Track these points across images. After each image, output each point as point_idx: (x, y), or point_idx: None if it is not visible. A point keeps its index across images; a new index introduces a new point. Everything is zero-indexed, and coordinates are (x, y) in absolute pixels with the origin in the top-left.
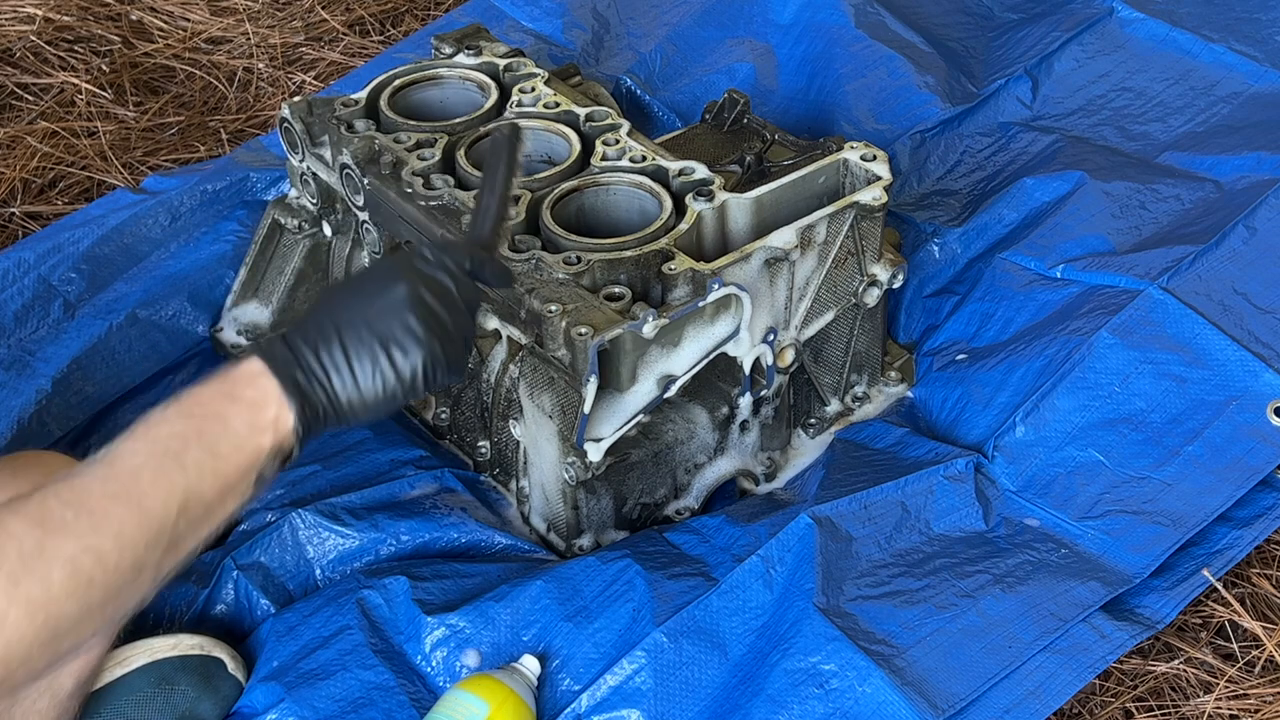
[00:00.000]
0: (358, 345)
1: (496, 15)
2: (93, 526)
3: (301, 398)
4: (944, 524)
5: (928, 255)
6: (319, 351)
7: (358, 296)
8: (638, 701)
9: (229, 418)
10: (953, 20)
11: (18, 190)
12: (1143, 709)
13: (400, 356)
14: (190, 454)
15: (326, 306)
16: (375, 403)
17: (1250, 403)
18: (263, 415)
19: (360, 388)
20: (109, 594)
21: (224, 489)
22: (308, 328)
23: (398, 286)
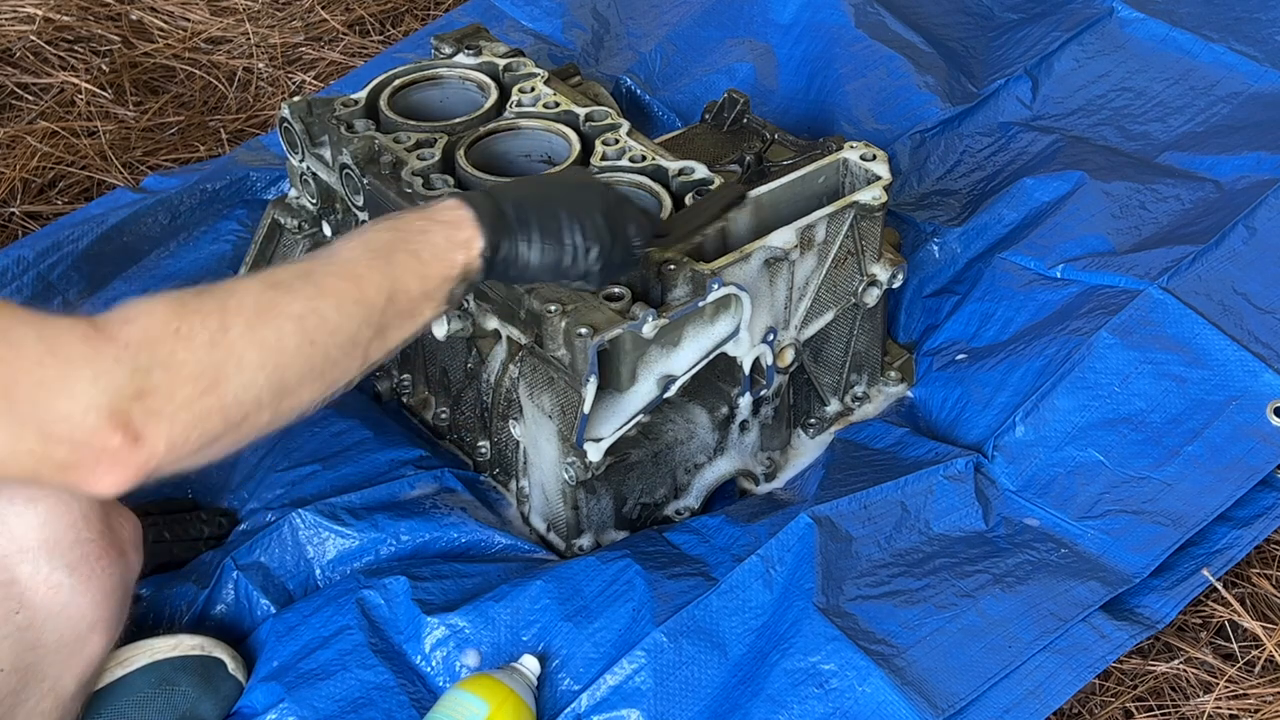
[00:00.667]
0: (549, 213)
1: (496, 15)
2: (318, 293)
3: (490, 231)
4: (944, 524)
5: (928, 255)
6: (515, 205)
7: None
8: (638, 701)
9: (430, 232)
10: (953, 20)
11: (18, 190)
12: (1143, 709)
13: (579, 237)
14: (398, 255)
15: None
16: (541, 266)
17: (1250, 403)
18: (459, 234)
19: (540, 246)
20: (328, 360)
21: (424, 292)
22: (509, 189)
23: (596, 188)
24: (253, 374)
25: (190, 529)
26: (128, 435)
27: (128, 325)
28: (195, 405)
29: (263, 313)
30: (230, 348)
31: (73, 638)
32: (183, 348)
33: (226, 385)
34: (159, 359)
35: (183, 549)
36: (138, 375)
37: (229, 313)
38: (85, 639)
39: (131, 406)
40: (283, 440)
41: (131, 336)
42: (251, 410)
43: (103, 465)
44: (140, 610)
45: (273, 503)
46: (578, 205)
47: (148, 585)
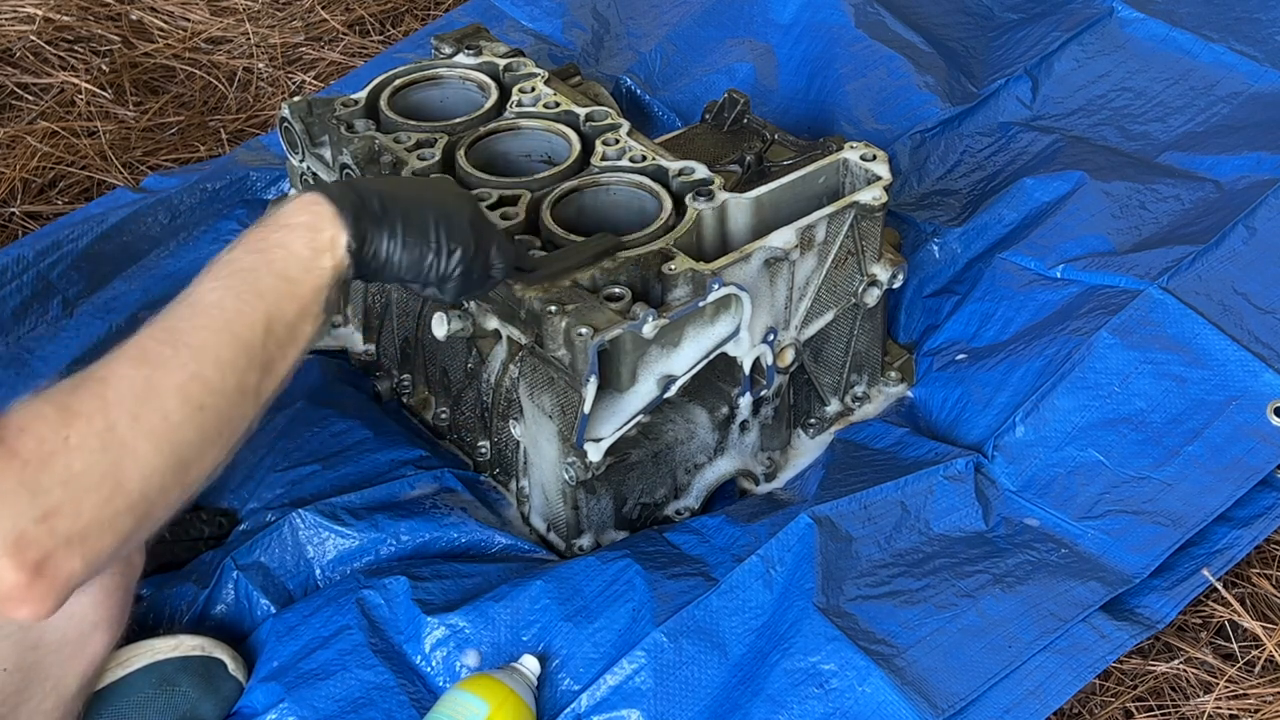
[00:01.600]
0: (415, 208)
1: (496, 15)
2: (193, 356)
3: (354, 223)
4: (944, 524)
5: (928, 255)
6: (380, 197)
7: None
8: (638, 701)
9: (290, 244)
10: (953, 20)
11: (18, 190)
12: (1143, 709)
13: (445, 238)
14: (264, 281)
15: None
16: (405, 266)
17: (1250, 403)
18: (320, 236)
19: (402, 242)
20: (221, 419)
21: (300, 311)
22: (373, 182)
23: (465, 198)
24: (150, 462)
25: (190, 529)
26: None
27: (23, 436)
28: (103, 513)
29: (142, 398)
30: (122, 445)
31: (75, 637)
32: (77, 458)
33: (129, 483)
34: (57, 476)
35: (183, 549)
36: (39, 497)
37: (110, 408)
38: (87, 639)
39: (39, 533)
40: (283, 440)
41: (29, 452)
42: (157, 496)
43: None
44: (141, 610)
45: (273, 503)
46: (446, 206)
47: (148, 585)
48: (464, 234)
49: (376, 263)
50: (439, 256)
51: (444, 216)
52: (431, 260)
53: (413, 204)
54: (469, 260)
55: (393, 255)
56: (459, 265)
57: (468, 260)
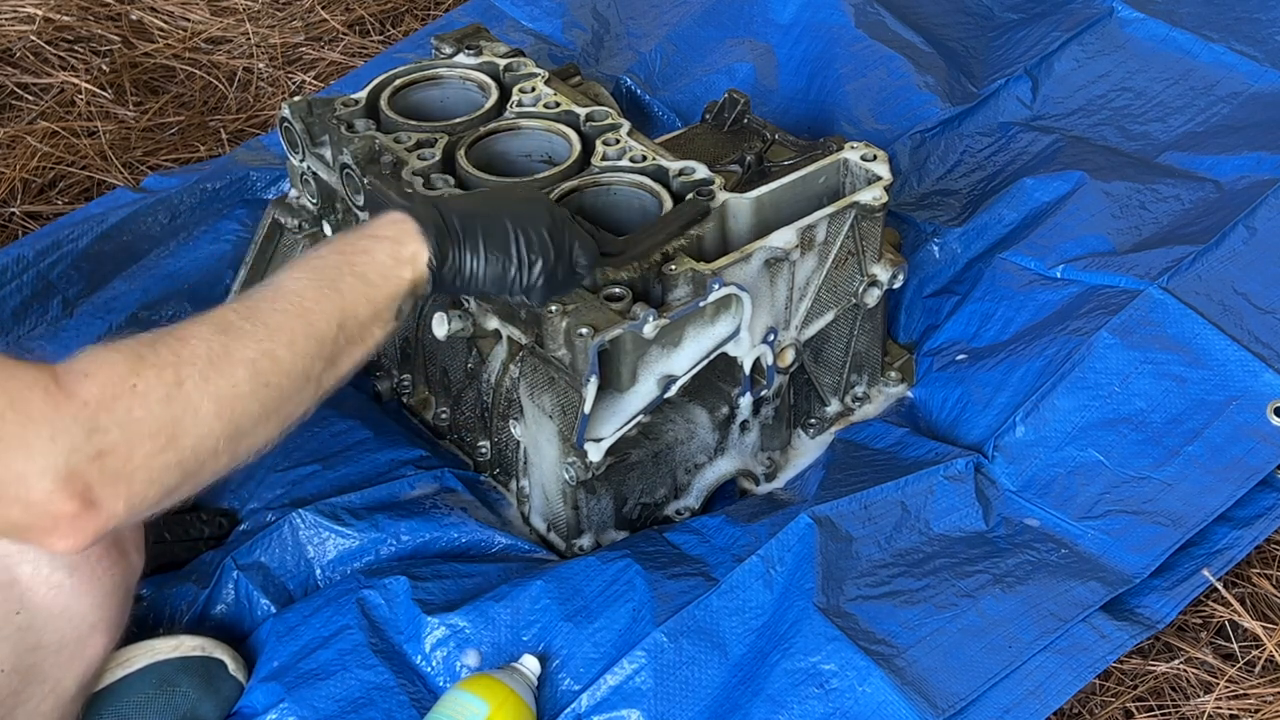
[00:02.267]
0: (495, 225)
1: (496, 15)
2: (269, 334)
3: (436, 242)
4: (944, 524)
5: (928, 255)
6: (460, 216)
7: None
8: (638, 701)
9: (374, 251)
10: (953, 20)
11: (18, 190)
12: (1143, 709)
13: (525, 250)
14: (345, 280)
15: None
16: (486, 278)
17: (1250, 403)
18: (403, 250)
19: (485, 258)
20: (283, 398)
21: (373, 313)
22: (454, 201)
23: (541, 204)
24: (209, 424)
25: (190, 529)
26: (83, 502)
27: (86, 380)
28: (154, 462)
29: (216, 362)
30: (186, 401)
31: (74, 638)
32: (139, 405)
33: (184, 439)
34: (117, 418)
35: (183, 549)
36: (96, 436)
37: (183, 364)
38: (86, 640)
39: (89, 468)
40: (283, 440)
41: (90, 394)
42: (208, 458)
43: (58, 531)
44: (140, 610)
45: (273, 503)
46: (523, 219)
47: (148, 585)
48: (543, 244)
49: (460, 279)
50: (521, 269)
51: (522, 230)
52: (515, 273)
53: (492, 221)
54: (550, 268)
55: (476, 272)
56: (541, 275)
57: (549, 268)
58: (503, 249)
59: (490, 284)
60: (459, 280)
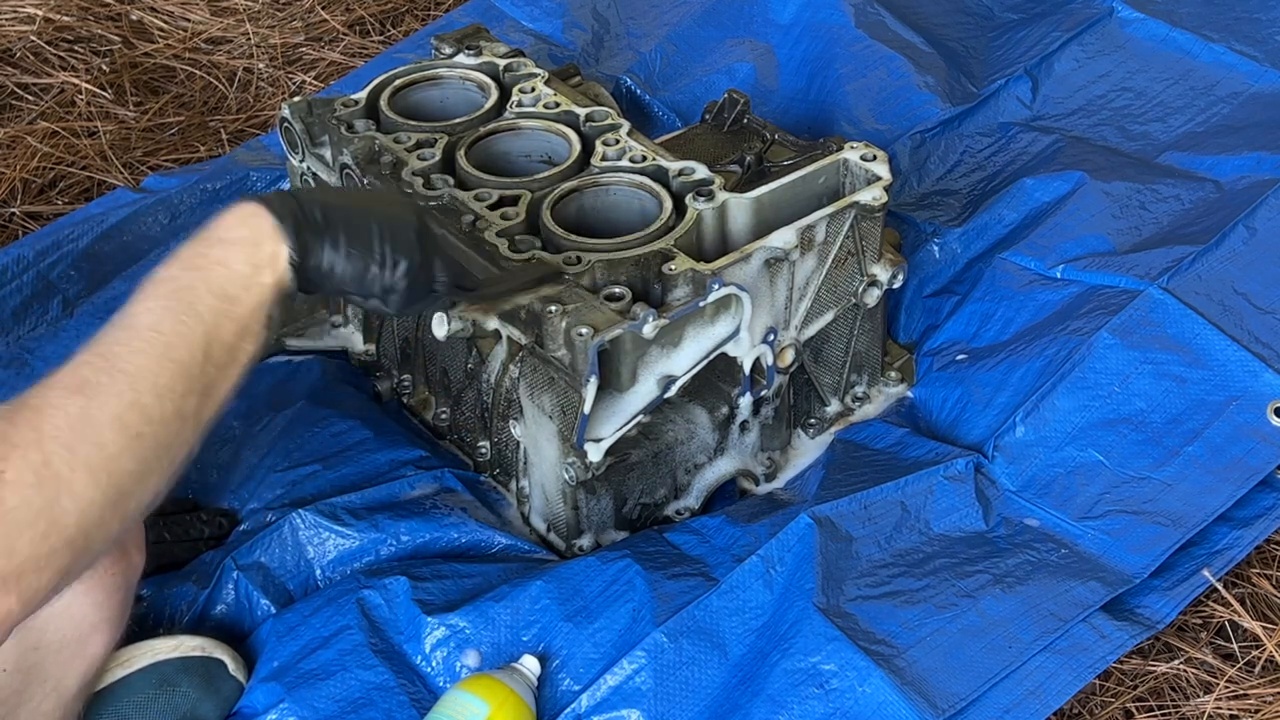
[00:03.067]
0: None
1: (496, 15)
2: (130, 384)
3: (295, 235)
4: (944, 524)
5: (928, 255)
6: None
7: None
8: (638, 701)
9: (229, 261)
10: (953, 20)
11: (18, 190)
12: (1143, 709)
13: (390, 249)
14: (202, 301)
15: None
16: (350, 278)
17: (1250, 403)
18: (260, 252)
19: (346, 255)
20: (159, 446)
21: (240, 330)
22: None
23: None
24: (87, 496)
25: (190, 529)
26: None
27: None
28: (39, 550)
29: (78, 429)
30: (57, 479)
31: (75, 638)
32: (12, 495)
33: (64, 519)
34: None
35: (183, 549)
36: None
37: (45, 440)
38: (87, 639)
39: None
40: (283, 440)
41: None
42: (95, 529)
43: None
44: (141, 610)
45: (273, 503)
46: (390, 217)
47: (148, 585)
48: (410, 245)
49: (319, 275)
50: (383, 269)
51: (389, 228)
52: (375, 272)
53: (356, 214)
54: (414, 273)
55: (335, 267)
56: (404, 278)
57: (413, 273)
58: (365, 246)
59: (351, 282)
60: (319, 277)
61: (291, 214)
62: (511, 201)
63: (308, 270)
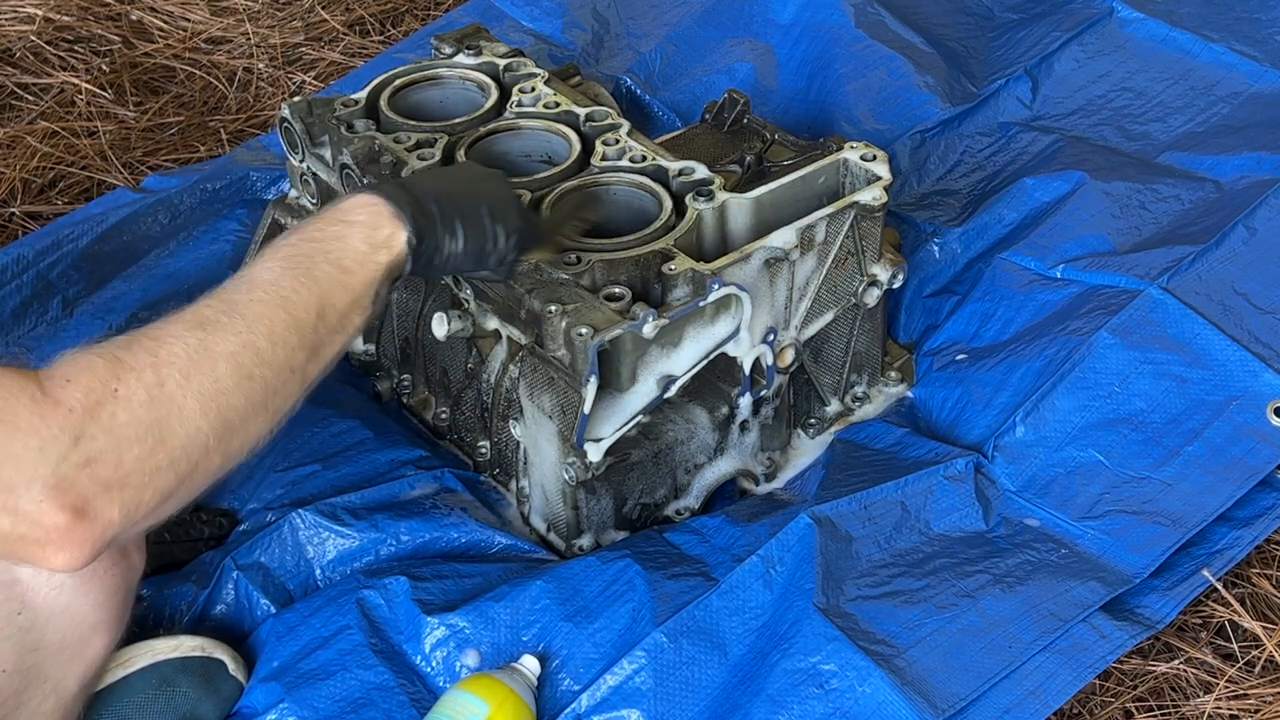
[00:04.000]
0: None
1: (496, 15)
2: (247, 326)
3: (413, 222)
4: (944, 524)
5: (928, 255)
6: (435, 196)
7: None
8: (638, 701)
9: (348, 237)
10: (953, 20)
11: (18, 190)
12: (1143, 709)
13: (499, 228)
14: (320, 268)
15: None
16: (460, 258)
17: (1250, 403)
18: (377, 234)
19: (462, 236)
20: (268, 390)
21: (352, 301)
22: (423, 178)
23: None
24: (196, 423)
25: (190, 529)
26: (75, 513)
27: (69, 386)
28: (144, 465)
29: (196, 359)
30: (169, 401)
31: (75, 638)
32: (123, 409)
33: (172, 439)
34: (102, 424)
35: (183, 549)
36: (83, 443)
37: (162, 365)
38: (87, 640)
39: (79, 477)
40: (283, 440)
41: (74, 400)
42: (200, 458)
43: (52, 544)
44: (141, 611)
45: (273, 503)
46: (493, 196)
47: (148, 586)
48: (514, 219)
49: (439, 257)
50: (496, 244)
51: (497, 209)
52: (490, 248)
53: (467, 201)
54: (522, 241)
55: (455, 250)
56: (515, 249)
57: (522, 241)
58: (478, 224)
59: (468, 261)
60: (437, 259)
61: (409, 204)
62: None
63: (422, 254)
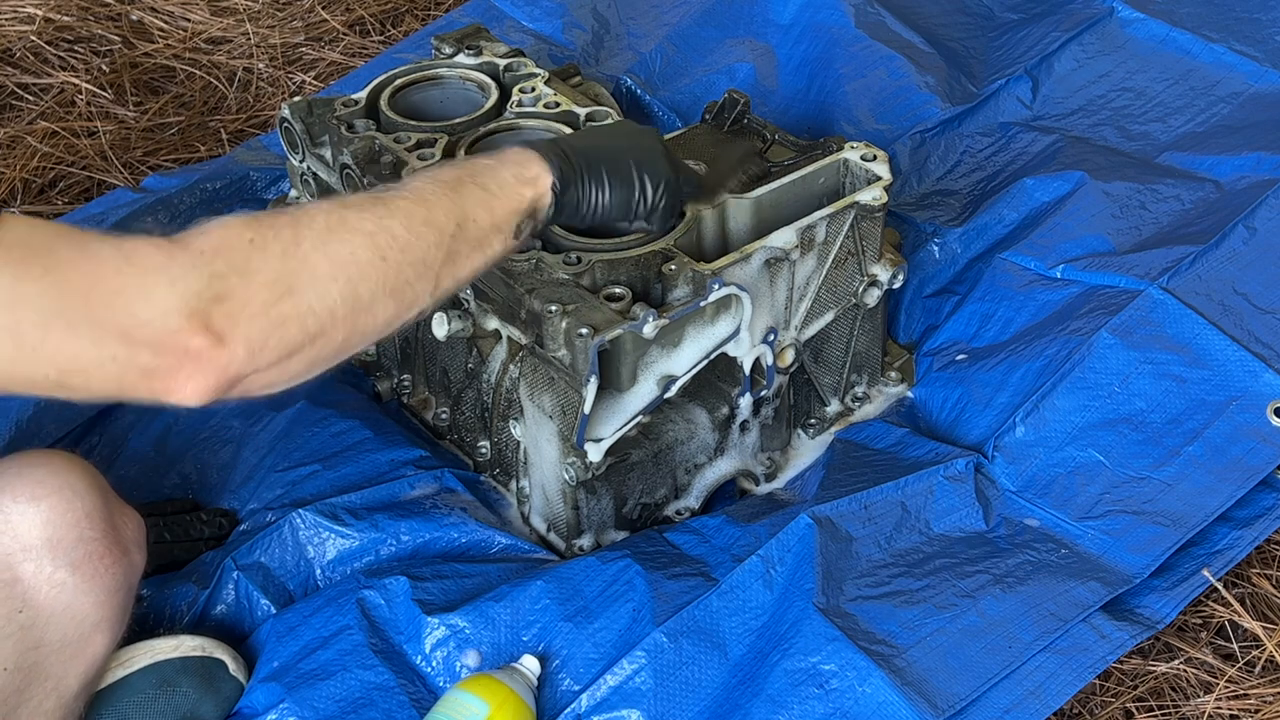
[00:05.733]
0: (616, 156)
1: (496, 15)
2: (388, 212)
3: (559, 171)
4: (944, 524)
5: (928, 255)
6: (582, 151)
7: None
8: (638, 701)
9: (498, 169)
10: (953, 20)
11: (18, 190)
12: (1143, 709)
13: (646, 178)
14: (465, 186)
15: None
16: (608, 208)
17: (1250, 403)
18: (526, 171)
19: (608, 187)
20: (400, 277)
21: (492, 224)
22: (575, 138)
23: (655, 139)
24: (326, 285)
25: (190, 529)
26: (209, 335)
27: (203, 236)
28: (271, 310)
29: (334, 228)
30: (303, 258)
31: (76, 637)
32: (257, 256)
33: (301, 293)
34: (234, 265)
35: (183, 549)
36: (214, 280)
37: (300, 226)
38: (88, 638)
39: (210, 308)
40: (283, 440)
41: (207, 245)
42: (327, 322)
43: (186, 369)
44: (141, 610)
45: (273, 503)
46: (643, 149)
47: (148, 585)
48: (662, 170)
49: (586, 206)
50: (644, 194)
51: (644, 159)
52: (638, 198)
53: (615, 152)
54: (671, 191)
55: (602, 200)
56: (664, 197)
57: (670, 191)
58: (625, 177)
59: (617, 211)
60: (584, 206)
61: (557, 155)
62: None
63: (565, 200)
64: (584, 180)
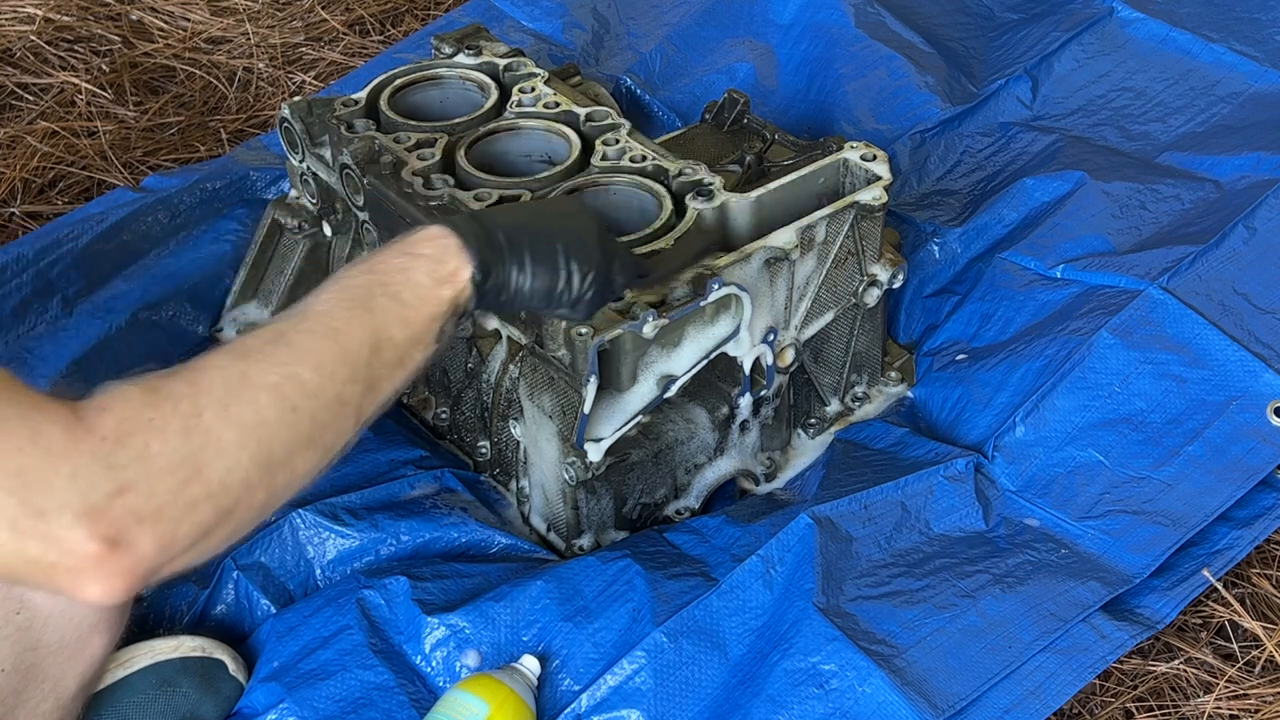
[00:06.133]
0: (542, 238)
1: (496, 15)
2: (293, 356)
3: (479, 257)
4: (944, 524)
5: (928, 255)
6: (506, 230)
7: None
8: (638, 701)
9: (411, 270)
10: (953, 20)
11: (18, 190)
12: (1143, 709)
13: (575, 264)
14: (377, 300)
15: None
16: (533, 293)
17: (1250, 403)
18: (443, 267)
19: (532, 272)
20: (315, 424)
21: (411, 336)
22: (499, 214)
23: (589, 220)
24: (235, 455)
25: None
26: (107, 542)
27: (103, 415)
28: (180, 497)
29: (235, 389)
30: (206, 431)
31: (74, 638)
32: (156, 439)
33: (209, 471)
34: (134, 453)
35: None
36: (114, 472)
37: (200, 394)
38: (86, 639)
39: (110, 506)
40: None
41: (108, 429)
42: (242, 493)
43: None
44: (141, 611)
45: None
46: (572, 232)
47: None
48: (592, 257)
49: (506, 294)
50: (569, 283)
51: (572, 244)
52: (563, 287)
53: (540, 234)
54: (600, 281)
55: (522, 287)
56: (590, 287)
57: (599, 281)
58: (550, 263)
59: (538, 299)
60: (504, 295)
61: (476, 237)
62: (512, 201)
63: (488, 289)
64: (504, 263)
